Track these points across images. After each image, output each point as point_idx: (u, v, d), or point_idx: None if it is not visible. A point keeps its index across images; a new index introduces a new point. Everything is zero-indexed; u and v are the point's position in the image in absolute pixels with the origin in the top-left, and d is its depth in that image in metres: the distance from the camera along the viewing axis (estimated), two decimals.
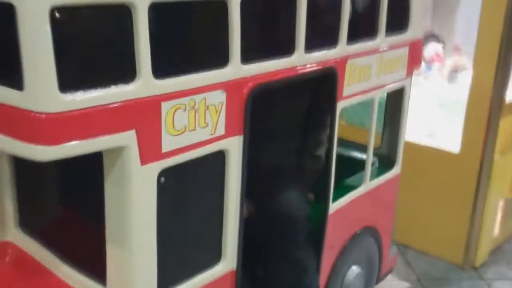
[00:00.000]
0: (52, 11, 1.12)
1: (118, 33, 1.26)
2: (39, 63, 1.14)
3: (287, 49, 1.68)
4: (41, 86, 1.15)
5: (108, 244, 1.43)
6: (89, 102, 1.20)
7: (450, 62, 3.92)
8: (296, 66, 1.70)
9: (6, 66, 1.19)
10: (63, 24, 1.15)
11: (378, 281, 2.58)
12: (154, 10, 1.27)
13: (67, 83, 1.17)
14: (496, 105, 3.19)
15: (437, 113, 3.56)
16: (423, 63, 3.87)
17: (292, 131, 2.00)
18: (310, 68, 1.75)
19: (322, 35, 1.81)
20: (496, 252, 3.64)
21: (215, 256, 1.67)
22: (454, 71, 3.80)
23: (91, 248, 1.54)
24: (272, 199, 1.92)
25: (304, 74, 1.74)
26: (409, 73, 2.31)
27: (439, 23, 4.47)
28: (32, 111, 1.15)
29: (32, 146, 1.18)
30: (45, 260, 1.61)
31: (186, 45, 1.43)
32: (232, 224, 1.65)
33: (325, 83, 1.89)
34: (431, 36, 4.22)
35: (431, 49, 4.07)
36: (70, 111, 1.18)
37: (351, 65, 1.93)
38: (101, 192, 1.41)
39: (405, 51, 2.23)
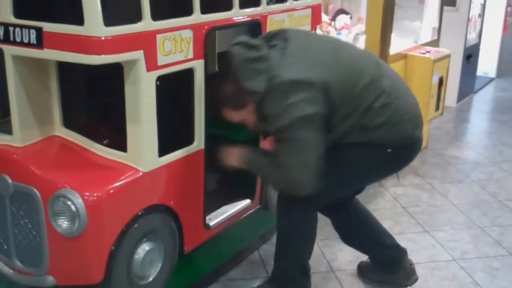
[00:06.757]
0: None
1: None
2: (93, 8, 2.08)
3: (229, 7, 2.68)
4: (93, 23, 2.09)
5: (128, 124, 2.39)
6: (119, 32, 2.16)
7: (354, 29, 5.01)
8: (234, 17, 2.71)
9: (73, 14, 2.11)
10: None
11: None
12: None
13: (108, 21, 2.11)
14: (383, 56, 4.31)
15: None
16: (334, 30, 4.97)
17: None
18: (242, 19, 2.77)
19: None
20: None
21: (190, 138, 2.65)
22: (357, 35, 4.90)
23: (114, 132, 2.50)
24: None
25: (238, 23, 2.75)
26: (313, 27, 3.35)
27: (349, 1, 5.60)
28: (90, 36, 2.10)
29: (89, 56, 2.12)
30: (83, 142, 2.55)
31: (170, 4, 2.42)
32: (198, 117, 2.64)
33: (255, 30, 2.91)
34: (341, 11, 5.33)
35: (341, 20, 5.14)
36: (110, 36, 2.13)
37: (271, 19, 2.95)
38: (120, 95, 2.36)
39: (308, 11, 3.27)
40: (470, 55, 6.97)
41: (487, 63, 8.19)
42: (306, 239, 2.75)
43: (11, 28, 2.27)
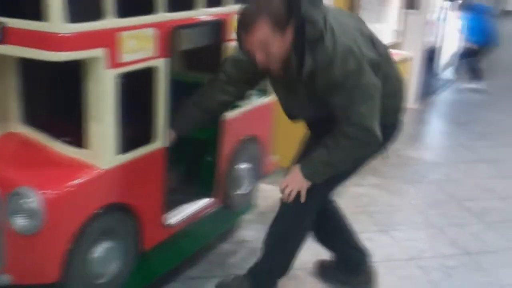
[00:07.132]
0: None
1: None
2: (57, 4, 2.05)
3: (193, 6, 2.68)
4: (57, 19, 2.06)
5: (88, 121, 2.37)
6: (83, 29, 2.14)
7: None
8: (198, 17, 2.71)
9: (37, 10, 2.07)
10: None
11: (261, 176, 3.63)
12: None
13: (71, 18, 2.09)
14: None
15: None
16: None
17: None
18: (206, 18, 2.77)
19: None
20: None
21: (151, 136, 2.63)
22: None
23: (74, 129, 2.47)
24: None
25: (202, 22, 2.75)
26: None
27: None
28: (53, 33, 2.08)
29: (52, 52, 2.10)
30: (42, 139, 2.51)
31: (134, 1, 2.40)
32: (161, 115, 2.63)
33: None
34: None
35: None
36: (73, 33, 2.11)
37: (234, 18, 2.95)
38: (81, 91, 2.34)
39: None
40: (431, 58, 7.13)
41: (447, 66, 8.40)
42: (302, 242, 2.79)
43: None
